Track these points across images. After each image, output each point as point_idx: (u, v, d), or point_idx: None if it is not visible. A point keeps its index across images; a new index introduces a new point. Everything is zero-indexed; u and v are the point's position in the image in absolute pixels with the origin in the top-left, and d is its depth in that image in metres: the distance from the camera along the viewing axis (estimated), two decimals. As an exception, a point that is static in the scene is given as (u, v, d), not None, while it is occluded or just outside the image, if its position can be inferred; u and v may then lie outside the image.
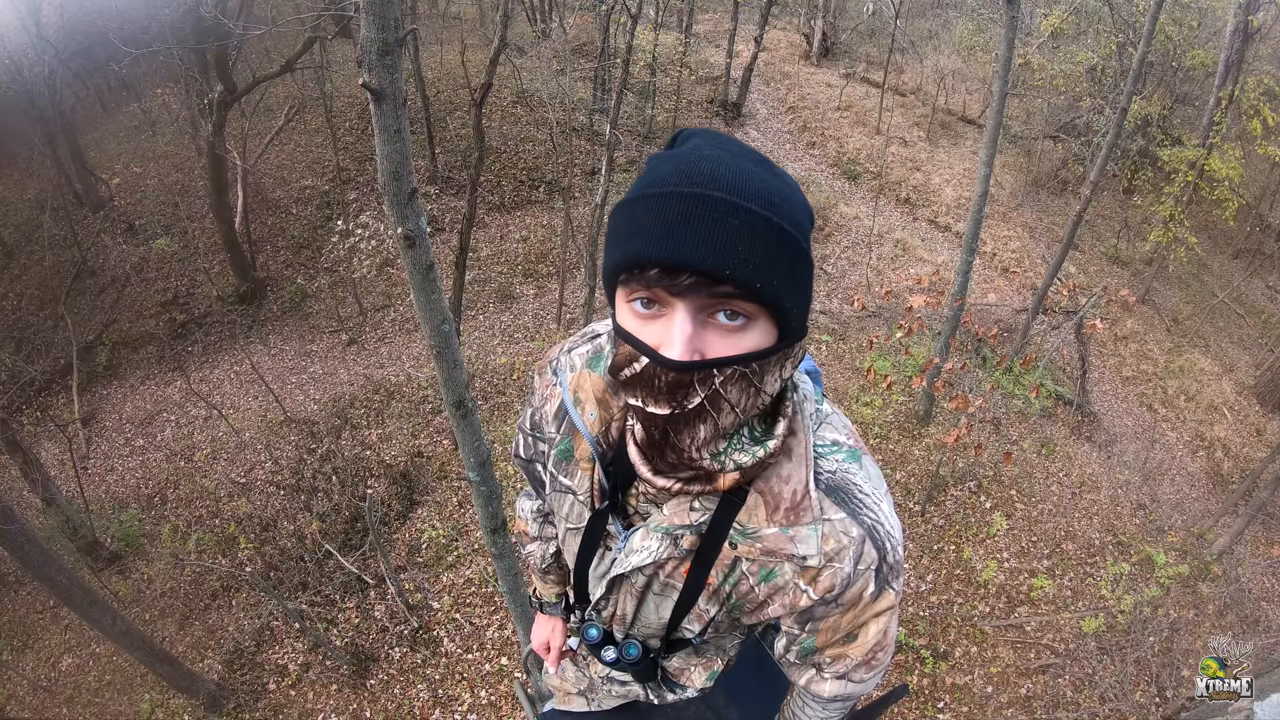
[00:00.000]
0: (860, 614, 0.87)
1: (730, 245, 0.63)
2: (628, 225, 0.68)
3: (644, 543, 0.87)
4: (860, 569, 0.83)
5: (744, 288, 0.64)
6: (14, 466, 7.34)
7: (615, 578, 0.92)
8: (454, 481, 7.54)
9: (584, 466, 0.92)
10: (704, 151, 0.68)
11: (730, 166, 0.66)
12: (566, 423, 0.95)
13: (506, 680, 5.88)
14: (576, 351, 0.97)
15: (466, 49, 12.74)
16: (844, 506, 0.82)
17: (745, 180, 0.65)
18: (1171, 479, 8.99)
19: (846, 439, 0.87)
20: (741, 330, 0.68)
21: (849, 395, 8.68)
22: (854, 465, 0.85)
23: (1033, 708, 5.85)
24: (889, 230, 12.47)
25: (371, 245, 9.50)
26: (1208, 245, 13.93)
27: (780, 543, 0.82)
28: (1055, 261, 8.25)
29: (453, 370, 2.02)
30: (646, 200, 0.66)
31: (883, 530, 0.83)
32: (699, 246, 0.62)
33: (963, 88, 16.48)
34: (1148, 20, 7.04)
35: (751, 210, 0.64)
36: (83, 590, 5.48)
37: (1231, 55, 11.87)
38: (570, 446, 0.94)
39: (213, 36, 8.36)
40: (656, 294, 0.67)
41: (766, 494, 0.82)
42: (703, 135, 0.73)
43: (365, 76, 1.54)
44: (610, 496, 0.90)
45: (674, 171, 0.67)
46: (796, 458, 0.82)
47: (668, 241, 0.63)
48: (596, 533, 0.93)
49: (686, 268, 0.63)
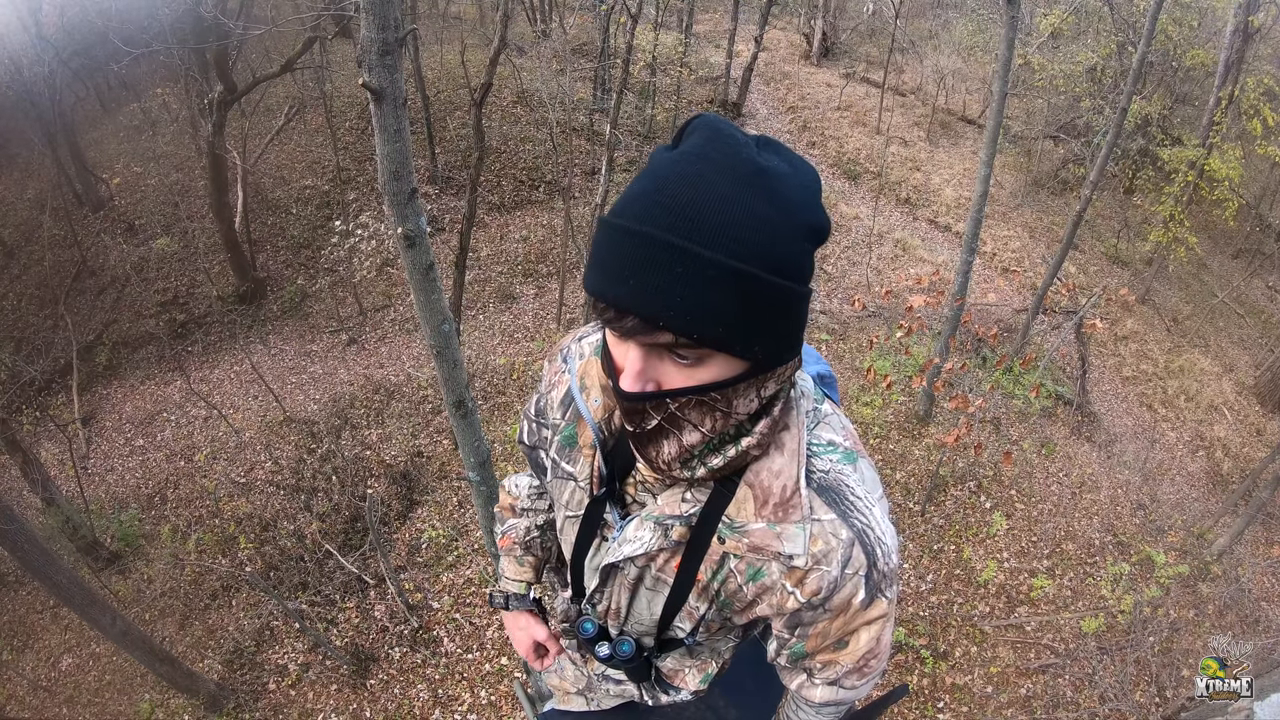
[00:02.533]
0: (850, 621, 0.86)
1: (668, 294, 0.61)
2: (593, 250, 0.68)
3: (637, 533, 0.87)
4: (848, 573, 0.81)
5: (681, 336, 0.64)
6: (14, 466, 7.35)
7: (608, 566, 0.92)
8: (454, 481, 7.54)
9: (586, 453, 0.91)
10: (685, 167, 0.64)
11: (702, 193, 0.62)
12: (572, 409, 0.96)
13: (506, 680, 5.87)
14: (587, 340, 0.98)
15: (466, 49, 12.74)
16: (835, 507, 0.81)
17: (709, 214, 0.61)
18: (1171, 479, 8.99)
19: (843, 440, 0.85)
20: (694, 366, 0.68)
21: (849, 395, 8.68)
22: (848, 467, 0.83)
23: (1033, 708, 5.85)
24: (889, 230, 12.47)
25: (371, 245, 9.50)
26: (1208, 245, 13.92)
27: (767, 539, 0.81)
28: (1055, 261, 8.25)
29: (453, 370, 2.02)
30: (608, 230, 0.66)
31: (873, 535, 0.81)
32: (639, 292, 0.62)
33: (963, 88, 16.48)
34: (1148, 20, 7.04)
35: (699, 256, 0.60)
36: (83, 590, 5.48)
37: (1231, 55, 11.87)
38: (574, 433, 0.95)
39: (213, 36, 8.35)
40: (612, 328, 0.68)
41: (756, 487, 0.81)
42: (704, 134, 0.67)
43: (365, 76, 1.54)
44: (608, 484, 0.90)
45: (641, 195, 0.64)
46: (788, 453, 0.81)
47: (611, 283, 0.64)
48: (594, 520, 0.93)
49: (627, 312, 0.63)
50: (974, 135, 15.39)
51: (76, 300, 10.33)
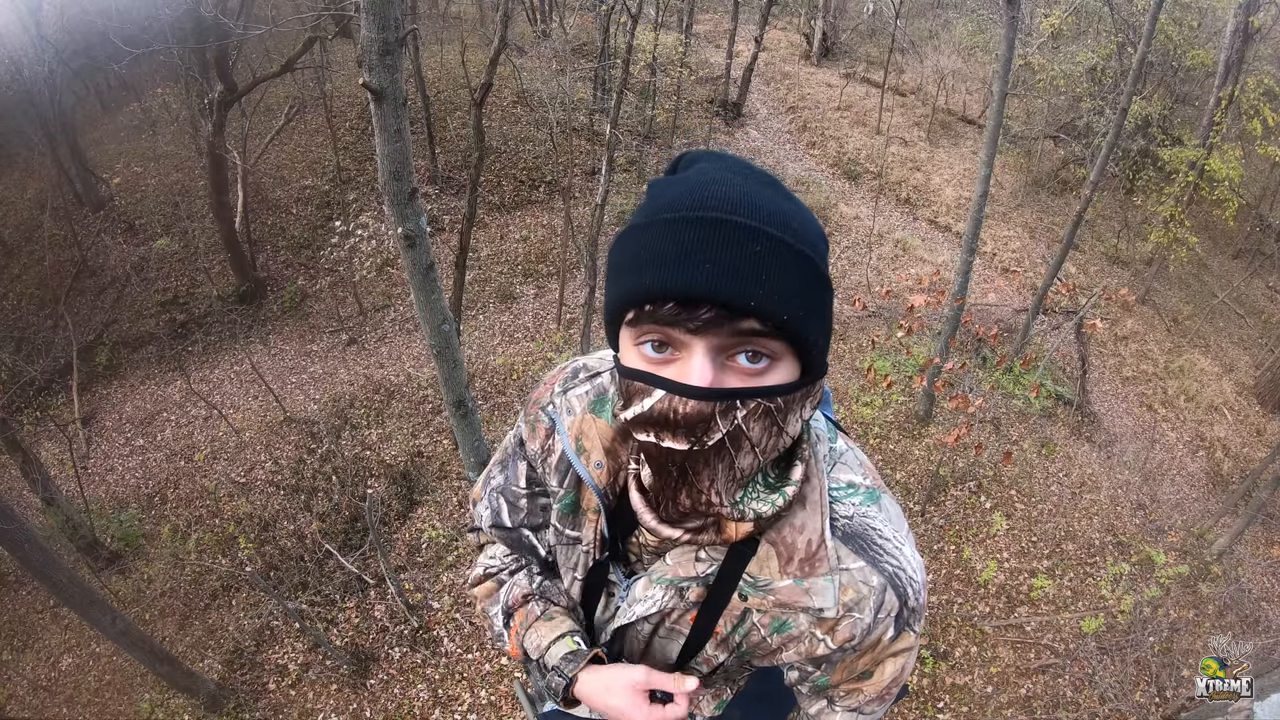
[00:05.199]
0: (878, 655, 0.83)
1: (754, 274, 0.57)
2: (634, 255, 0.61)
3: (647, 592, 0.83)
4: (881, 617, 0.78)
5: (769, 320, 0.58)
6: (14, 466, 7.34)
7: (620, 628, 0.89)
8: (454, 481, 7.54)
9: (591, 518, 0.87)
10: (713, 175, 0.63)
11: (744, 190, 0.60)
12: (571, 474, 0.87)
13: (506, 680, 5.87)
14: (574, 393, 0.89)
15: (466, 49, 12.74)
16: (863, 554, 0.77)
17: (762, 204, 0.60)
18: (1171, 479, 8.99)
19: (863, 479, 0.82)
20: (764, 373, 0.62)
21: (849, 395, 8.68)
22: (873, 508, 0.80)
23: (1033, 708, 5.85)
24: (889, 230, 12.47)
25: (371, 245, 9.51)
26: (1208, 245, 13.93)
27: (794, 595, 0.77)
28: (1055, 261, 8.25)
29: (453, 370, 2.02)
30: (655, 227, 0.60)
31: (905, 575, 0.78)
32: (719, 275, 0.56)
33: (963, 88, 16.48)
34: (1148, 20, 7.04)
35: (773, 236, 0.58)
36: (83, 590, 5.47)
37: (1231, 55, 11.87)
38: (576, 499, 0.88)
39: (213, 36, 8.36)
40: (669, 335, 0.61)
41: (779, 544, 0.77)
42: (709, 158, 0.68)
43: (365, 76, 1.54)
44: (611, 546, 0.87)
45: (684, 195, 0.61)
46: (811, 505, 0.77)
47: (683, 271, 0.57)
48: (598, 583, 0.91)
49: (705, 300, 0.57)
50: (974, 135, 15.39)
51: (76, 300, 10.33)
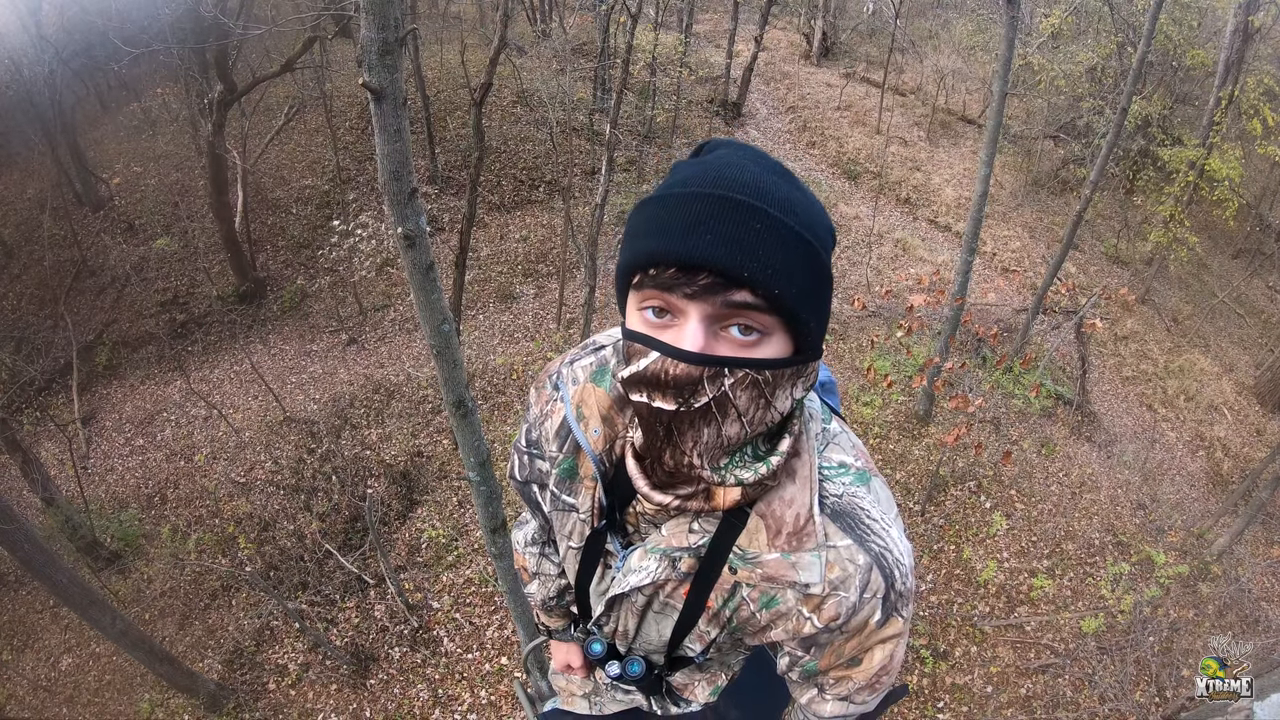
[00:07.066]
0: (866, 640, 0.84)
1: (750, 247, 0.61)
2: (646, 223, 0.67)
3: (642, 563, 0.85)
4: (866, 597, 0.80)
5: (762, 292, 0.62)
6: (14, 466, 7.34)
7: (614, 597, 0.91)
8: (454, 481, 7.54)
9: (588, 485, 0.89)
10: (730, 159, 0.69)
11: (755, 174, 0.66)
12: (570, 440, 0.91)
13: (506, 680, 5.87)
14: (579, 364, 0.93)
15: (466, 49, 12.74)
16: (850, 533, 0.79)
17: (769, 189, 0.65)
18: (1171, 479, 8.99)
19: (855, 460, 0.84)
20: (755, 345, 0.66)
21: (849, 395, 8.68)
22: (862, 489, 0.82)
23: (1032, 708, 5.85)
24: (889, 230, 12.47)
25: (371, 245, 9.51)
26: (1208, 245, 13.93)
27: (782, 569, 0.79)
28: (1055, 261, 8.25)
29: (453, 370, 2.02)
30: (667, 199, 0.66)
31: (891, 557, 0.80)
32: (718, 245, 0.61)
33: (963, 88, 16.48)
34: (1148, 20, 7.03)
35: (774, 216, 0.63)
36: (83, 590, 5.47)
37: (1231, 55, 11.87)
38: (574, 464, 0.91)
39: (213, 36, 8.35)
40: (669, 300, 0.65)
41: (768, 517, 0.79)
42: (729, 146, 0.73)
43: (365, 76, 1.54)
44: (609, 515, 0.88)
45: (698, 175, 0.66)
46: (800, 480, 0.79)
47: (686, 239, 0.62)
48: (596, 550, 0.92)
49: (704, 267, 0.62)
50: (974, 135, 15.39)
51: (76, 300, 10.33)
